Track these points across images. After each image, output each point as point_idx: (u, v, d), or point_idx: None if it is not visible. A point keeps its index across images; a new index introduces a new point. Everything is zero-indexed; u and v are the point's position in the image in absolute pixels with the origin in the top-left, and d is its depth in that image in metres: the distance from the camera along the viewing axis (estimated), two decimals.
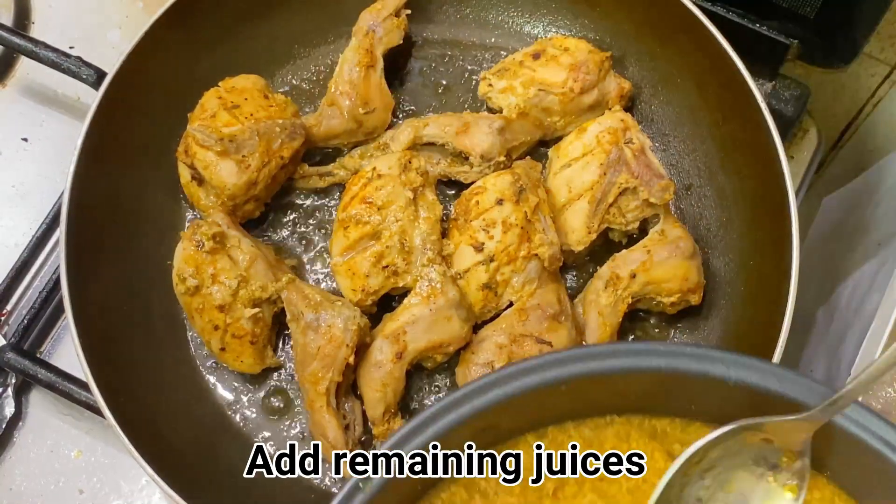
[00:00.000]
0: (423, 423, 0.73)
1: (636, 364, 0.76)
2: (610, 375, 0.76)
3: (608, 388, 0.77)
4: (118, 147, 1.20)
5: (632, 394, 0.79)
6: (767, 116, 1.14)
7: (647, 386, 0.77)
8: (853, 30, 1.24)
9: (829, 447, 0.76)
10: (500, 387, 0.74)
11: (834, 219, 1.52)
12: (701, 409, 0.79)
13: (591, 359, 0.76)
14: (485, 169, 1.21)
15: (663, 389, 0.77)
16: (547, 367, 0.75)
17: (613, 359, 0.76)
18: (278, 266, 1.17)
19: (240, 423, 1.17)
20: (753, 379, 0.75)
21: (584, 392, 0.77)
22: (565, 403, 0.78)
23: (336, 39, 1.34)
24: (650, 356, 0.76)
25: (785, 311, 1.07)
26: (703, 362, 0.76)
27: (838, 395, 0.72)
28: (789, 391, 0.75)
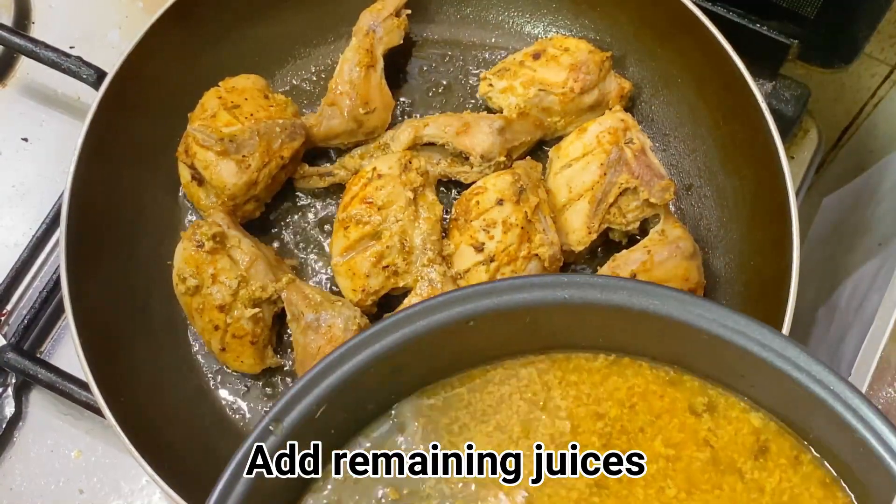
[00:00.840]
0: (332, 363, 0.73)
1: (544, 297, 0.74)
2: (516, 309, 0.74)
3: (517, 324, 0.76)
4: (118, 147, 1.20)
5: (542, 329, 0.77)
6: (768, 116, 1.13)
7: (557, 319, 0.76)
8: (853, 30, 1.24)
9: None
10: (407, 326, 0.73)
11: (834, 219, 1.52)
12: (609, 342, 0.79)
13: (496, 293, 0.74)
14: (485, 169, 1.21)
15: (574, 321, 0.76)
16: (452, 303, 0.74)
17: (520, 292, 0.75)
18: (278, 266, 1.17)
19: (240, 424, 1.17)
20: (654, 306, 0.74)
21: (495, 330, 0.76)
22: (478, 343, 0.76)
23: (336, 39, 1.34)
24: (556, 288, 0.74)
25: (785, 311, 1.07)
26: (606, 291, 0.75)
27: None
28: (692, 320, 0.74)
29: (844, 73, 1.35)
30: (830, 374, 0.71)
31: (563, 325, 0.77)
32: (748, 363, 0.73)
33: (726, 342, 0.73)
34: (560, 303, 0.74)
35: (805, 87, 1.31)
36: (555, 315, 0.76)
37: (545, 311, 0.75)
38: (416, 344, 0.74)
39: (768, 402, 0.76)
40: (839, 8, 1.21)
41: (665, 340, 0.76)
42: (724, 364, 0.75)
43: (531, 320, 0.76)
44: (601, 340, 0.79)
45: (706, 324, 0.73)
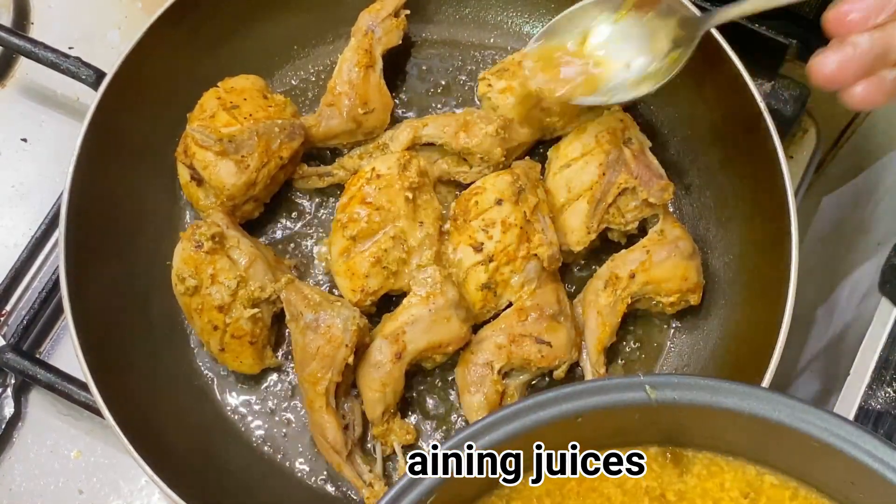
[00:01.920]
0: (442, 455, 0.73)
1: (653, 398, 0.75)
2: (625, 408, 0.75)
3: (625, 420, 0.77)
4: (118, 147, 1.20)
5: (651, 426, 0.78)
6: (767, 116, 1.14)
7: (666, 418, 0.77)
8: None
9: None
10: (515, 421, 0.74)
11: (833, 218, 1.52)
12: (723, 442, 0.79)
13: (606, 392, 0.75)
14: (484, 169, 1.21)
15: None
16: (558, 401, 0.74)
17: (630, 391, 0.75)
18: (277, 266, 1.17)
19: (239, 424, 1.17)
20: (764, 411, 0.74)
21: (602, 424, 0.77)
22: (584, 434, 0.77)
23: (335, 40, 1.34)
24: (667, 388, 0.75)
25: (784, 311, 1.07)
26: (717, 394, 0.75)
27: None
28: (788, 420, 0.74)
29: None
30: None
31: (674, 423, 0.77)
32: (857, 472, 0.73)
33: (836, 451, 0.73)
34: (671, 403, 0.75)
35: (804, 87, 1.31)
36: (665, 414, 0.76)
37: (654, 410, 0.75)
38: (524, 438, 0.74)
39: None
40: None
41: (772, 445, 0.76)
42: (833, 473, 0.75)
43: (640, 417, 0.76)
44: (710, 440, 0.79)
45: (817, 431, 0.73)
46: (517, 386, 1.13)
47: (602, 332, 1.13)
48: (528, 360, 1.10)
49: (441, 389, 1.18)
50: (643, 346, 1.21)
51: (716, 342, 1.19)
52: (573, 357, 1.13)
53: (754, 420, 0.74)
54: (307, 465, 1.15)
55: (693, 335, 1.20)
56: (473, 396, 1.10)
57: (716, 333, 1.19)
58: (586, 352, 1.14)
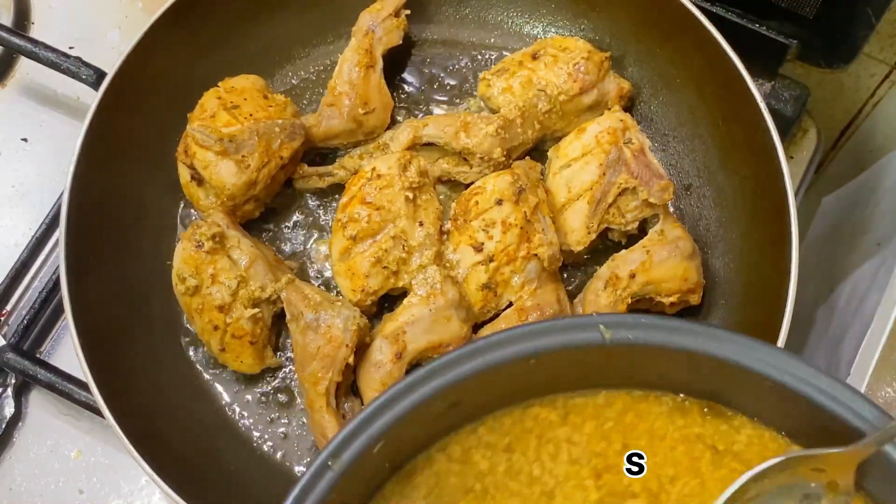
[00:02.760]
0: (391, 398, 0.71)
1: (610, 338, 0.74)
2: (579, 348, 0.74)
3: (578, 362, 0.75)
4: (118, 147, 1.20)
5: (605, 367, 0.77)
6: (767, 116, 1.14)
7: (612, 359, 0.76)
8: (852, 30, 1.24)
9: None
10: (468, 362, 0.72)
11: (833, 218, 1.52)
12: (668, 381, 0.78)
13: (561, 331, 0.74)
14: (484, 169, 1.21)
15: (628, 362, 0.76)
16: (515, 340, 0.73)
17: (584, 331, 0.74)
18: (278, 266, 1.17)
19: (239, 424, 1.17)
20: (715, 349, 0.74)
21: (555, 367, 0.75)
22: (537, 378, 0.76)
23: (336, 40, 1.34)
24: (623, 328, 0.74)
25: (784, 311, 1.07)
26: (672, 334, 0.74)
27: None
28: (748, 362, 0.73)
29: (843, 72, 1.35)
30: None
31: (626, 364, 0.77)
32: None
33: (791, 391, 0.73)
34: (625, 343, 0.74)
35: (804, 87, 1.31)
36: (617, 355, 0.75)
37: (608, 350, 0.74)
38: (476, 380, 0.73)
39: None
40: (838, 8, 1.21)
41: (725, 384, 0.76)
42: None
43: (592, 360, 0.75)
44: (659, 380, 0.79)
45: (769, 370, 0.73)
46: None
47: None
48: None
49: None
50: None
51: None
52: None
53: (708, 359, 0.73)
54: (307, 466, 1.15)
55: None
56: None
57: None
58: None
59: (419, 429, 0.75)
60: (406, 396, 0.72)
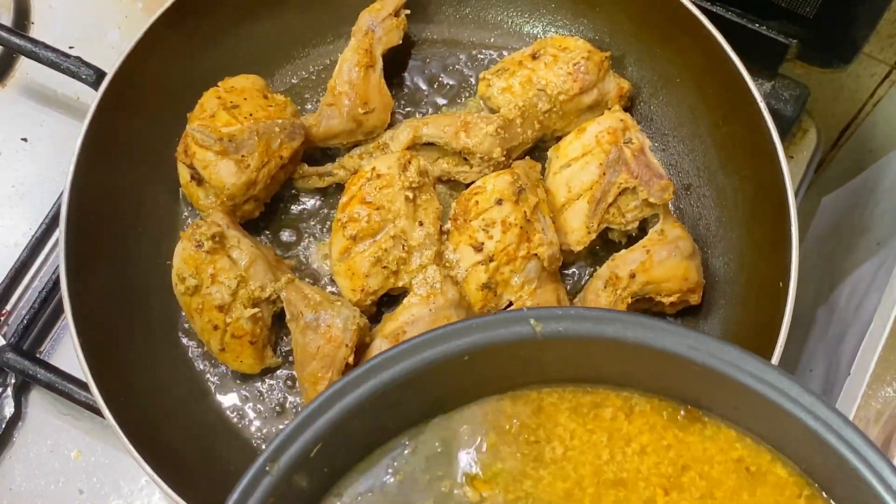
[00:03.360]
0: (329, 398, 0.71)
1: (539, 331, 0.73)
2: (512, 343, 0.73)
3: (514, 358, 0.75)
4: (118, 147, 1.20)
5: (539, 363, 0.76)
6: (767, 116, 1.14)
7: (553, 353, 0.76)
8: (852, 29, 1.24)
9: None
10: (403, 361, 0.72)
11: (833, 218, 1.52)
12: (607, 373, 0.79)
13: (490, 327, 0.73)
14: (484, 169, 1.21)
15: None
16: (449, 337, 0.72)
17: (516, 325, 0.73)
18: (278, 266, 1.17)
19: (239, 423, 1.17)
20: (649, 339, 0.73)
21: (492, 364, 0.75)
22: (475, 376, 0.75)
23: (336, 39, 1.34)
24: (552, 321, 0.73)
25: (784, 311, 1.07)
26: (600, 323, 0.74)
27: None
28: (670, 346, 0.73)
29: (843, 72, 1.35)
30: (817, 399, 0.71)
31: (562, 357, 0.76)
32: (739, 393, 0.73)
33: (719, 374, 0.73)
34: (556, 336, 0.74)
35: (804, 86, 1.31)
36: (551, 348, 0.75)
37: (541, 344, 0.74)
38: (413, 379, 0.73)
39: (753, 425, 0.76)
40: (838, 8, 1.21)
41: (659, 374, 0.76)
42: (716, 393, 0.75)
43: (526, 354, 0.75)
44: (599, 373, 0.78)
45: (699, 356, 0.73)
46: None
47: None
48: None
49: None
50: None
51: None
52: None
53: (639, 349, 0.73)
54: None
55: None
56: None
57: (716, 333, 1.19)
58: None
59: (358, 431, 0.74)
60: (341, 399, 0.72)
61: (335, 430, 0.71)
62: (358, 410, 0.72)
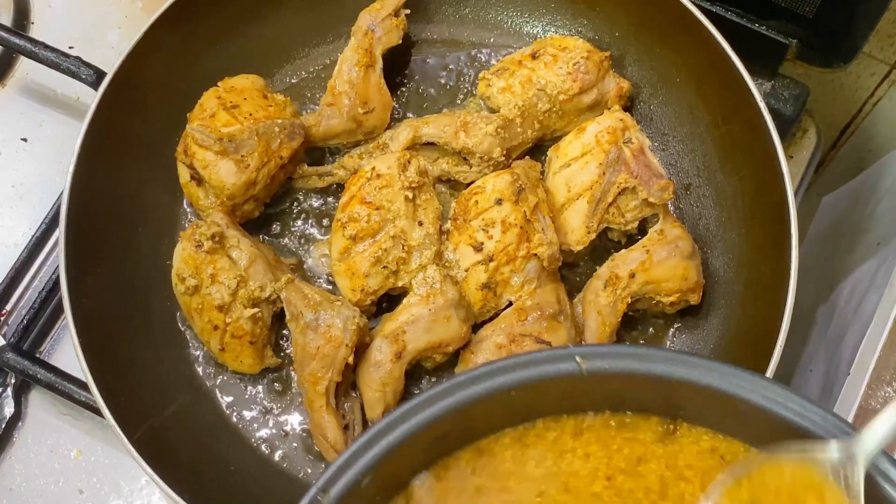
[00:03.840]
0: (376, 435, 0.73)
1: (588, 367, 0.75)
2: (557, 378, 0.76)
3: (556, 391, 0.77)
4: (118, 147, 1.20)
5: (585, 395, 0.78)
6: (766, 116, 1.14)
7: (602, 387, 0.78)
8: (852, 29, 1.24)
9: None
10: (450, 396, 0.74)
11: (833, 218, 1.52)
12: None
13: (536, 364, 0.76)
14: (484, 169, 1.21)
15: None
16: (495, 374, 0.75)
17: (561, 362, 0.75)
18: (278, 266, 1.17)
19: (239, 423, 1.17)
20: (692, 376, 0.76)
21: (536, 396, 0.77)
22: (518, 406, 0.78)
23: (335, 39, 1.34)
24: (597, 358, 0.76)
25: (784, 311, 1.07)
26: (645, 361, 0.76)
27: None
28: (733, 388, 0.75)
29: (843, 72, 1.35)
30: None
31: (610, 392, 0.78)
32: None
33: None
34: (601, 373, 0.76)
35: (804, 86, 1.31)
36: (599, 383, 0.77)
37: (587, 379, 0.76)
38: (459, 413, 0.75)
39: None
40: (838, 7, 1.21)
41: (705, 409, 0.78)
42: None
43: (571, 388, 0.77)
44: (647, 406, 0.80)
45: (754, 397, 0.75)
46: None
47: (602, 332, 1.13)
48: None
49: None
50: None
51: (716, 342, 1.19)
52: None
53: (682, 385, 0.75)
54: (307, 466, 1.15)
55: (693, 335, 1.20)
56: None
57: (716, 333, 1.19)
58: None
59: (407, 461, 0.76)
60: (390, 432, 0.73)
61: (384, 461, 0.73)
62: (408, 442, 0.73)
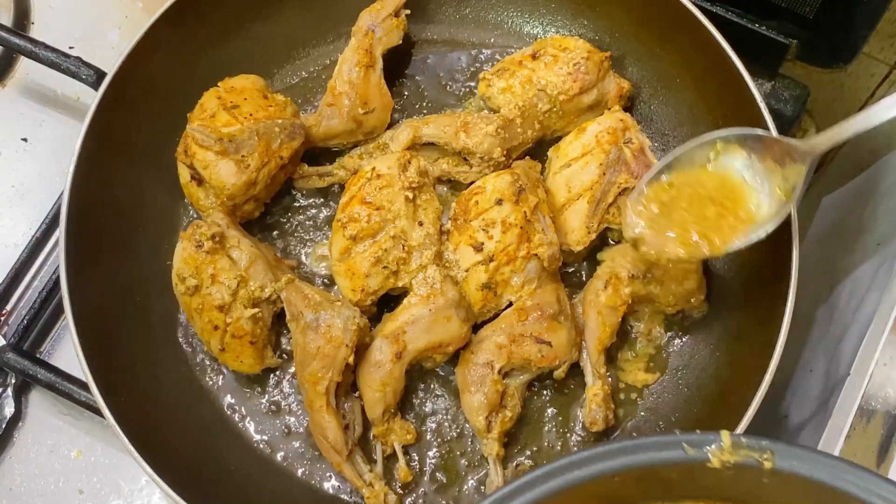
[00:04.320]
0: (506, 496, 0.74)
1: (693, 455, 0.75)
2: (663, 466, 0.76)
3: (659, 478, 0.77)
4: (118, 147, 1.20)
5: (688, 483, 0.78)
6: (767, 116, 1.14)
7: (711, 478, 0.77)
8: (852, 30, 1.24)
9: None
10: (553, 479, 0.75)
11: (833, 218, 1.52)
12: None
13: (642, 450, 0.76)
14: (484, 169, 1.21)
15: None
16: (596, 459, 0.75)
17: (667, 450, 0.75)
18: (278, 266, 1.17)
19: (239, 423, 1.17)
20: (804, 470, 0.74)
21: (635, 483, 0.77)
22: (618, 491, 0.78)
23: (336, 39, 1.34)
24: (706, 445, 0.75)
25: (784, 311, 1.07)
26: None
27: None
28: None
29: (843, 72, 1.35)
30: None
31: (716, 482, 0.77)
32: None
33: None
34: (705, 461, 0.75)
35: (804, 86, 1.31)
36: (702, 471, 0.76)
37: (694, 467, 0.75)
38: (561, 495, 0.75)
39: None
40: (838, 8, 1.21)
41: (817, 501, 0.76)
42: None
43: (678, 474, 0.76)
44: (748, 493, 0.78)
45: (858, 492, 0.73)
46: (517, 386, 1.13)
47: (602, 332, 1.13)
48: (528, 360, 1.10)
49: (441, 389, 1.18)
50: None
51: (716, 342, 1.19)
52: (573, 357, 1.13)
53: (799, 479, 0.74)
54: (307, 465, 1.15)
55: (693, 335, 1.20)
56: (473, 396, 1.10)
57: (716, 333, 1.19)
58: (586, 352, 1.14)
59: None
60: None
61: None
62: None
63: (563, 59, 1.23)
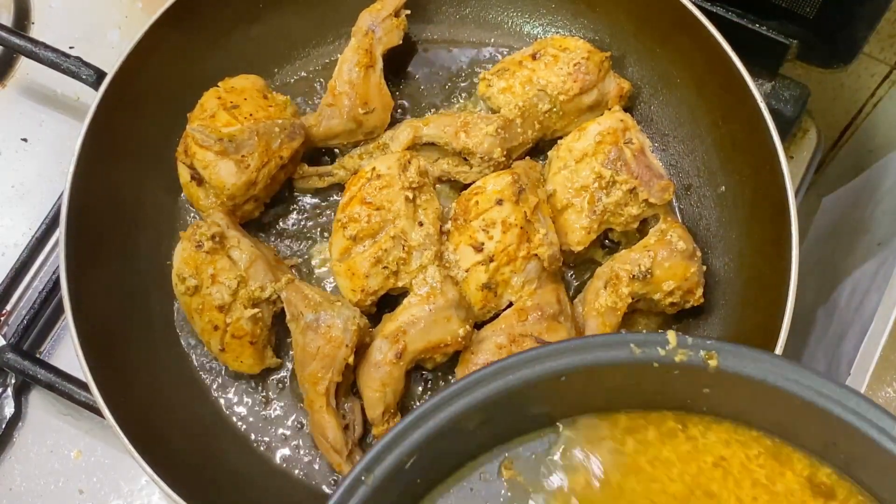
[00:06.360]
0: (423, 414, 0.72)
1: (639, 356, 0.74)
2: (608, 366, 0.74)
3: (609, 382, 0.76)
4: (118, 147, 1.20)
5: (635, 388, 0.77)
6: (767, 116, 1.14)
7: (649, 380, 0.76)
8: (853, 30, 1.24)
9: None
10: (501, 378, 0.73)
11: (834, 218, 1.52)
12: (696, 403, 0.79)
13: (589, 349, 0.74)
14: (484, 169, 1.21)
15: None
16: (545, 358, 0.73)
17: (613, 349, 0.74)
18: (278, 266, 1.17)
19: (239, 424, 1.17)
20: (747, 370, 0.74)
21: (587, 385, 0.75)
22: (568, 395, 0.76)
23: (336, 39, 1.34)
24: (652, 345, 0.74)
25: (784, 311, 1.07)
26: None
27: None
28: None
29: (844, 72, 1.35)
30: None
31: (654, 386, 0.77)
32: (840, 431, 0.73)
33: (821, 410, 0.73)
34: (652, 361, 0.74)
35: (804, 87, 1.31)
36: (648, 375, 0.75)
37: (639, 369, 0.74)
38: (508, 397, 0.74)
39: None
40: (838, 8, 1.21)
41: (757, 406, 0.76)
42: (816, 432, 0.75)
43: (623, 379, 0.75)
44: (688, 402, 0.78)
45: (800, 390, 0.73)
46: None
47: (602, 332, 1.13)
48: None
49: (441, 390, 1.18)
50: None
51: None
52: None
53: (741, 380, 0.74)
54: (307, 466, 1.15)
55: (693, 335, 1.20)
56: None
57: (716, 333, 1.19)
58: None
59: (451, 445, 0.75)
60: (437, 413, 0.72)
61: (429, 443, 0.72)
62: (452, 425, 0.73)
63: (563, 60, 1.23)
